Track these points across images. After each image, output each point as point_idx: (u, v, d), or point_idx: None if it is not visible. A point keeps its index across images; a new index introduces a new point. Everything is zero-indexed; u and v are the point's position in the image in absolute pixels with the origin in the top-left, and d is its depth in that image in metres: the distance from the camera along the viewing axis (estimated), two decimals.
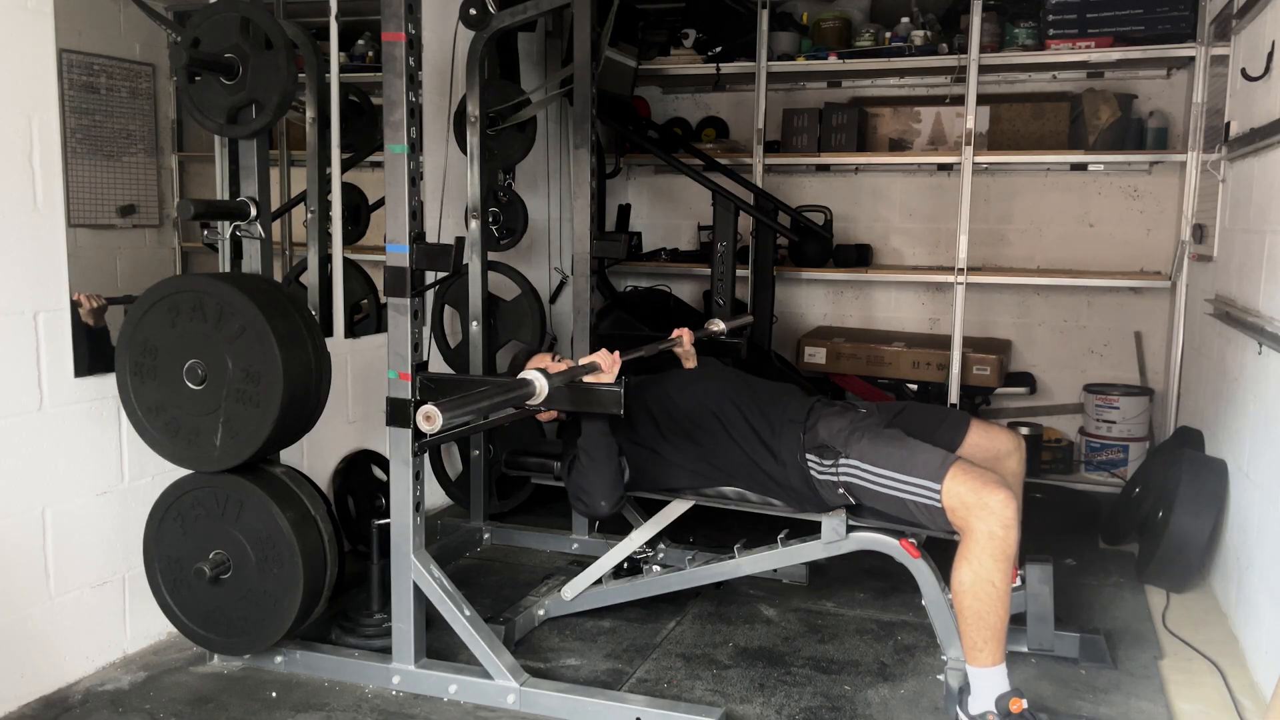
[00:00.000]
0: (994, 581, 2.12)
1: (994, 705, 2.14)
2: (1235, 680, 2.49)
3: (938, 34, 4.34)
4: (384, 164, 2.28)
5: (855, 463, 2.32)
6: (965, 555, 2.15)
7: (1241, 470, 2.86)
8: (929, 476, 2.21)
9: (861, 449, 2.33)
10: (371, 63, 3.43)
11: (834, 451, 2.35)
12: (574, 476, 2.49)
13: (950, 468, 2.20)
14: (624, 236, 4.60)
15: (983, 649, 2.15)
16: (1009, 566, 2.14)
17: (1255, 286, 2.80)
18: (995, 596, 2.12)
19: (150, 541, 2.40)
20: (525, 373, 2.16)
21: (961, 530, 2.17)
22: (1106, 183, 4.53)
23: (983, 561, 2.12)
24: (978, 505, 2.13)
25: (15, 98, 2.21)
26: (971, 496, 2.14)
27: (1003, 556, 2.12)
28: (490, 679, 2.34)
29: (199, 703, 2.32)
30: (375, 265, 3.28)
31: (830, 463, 2.35)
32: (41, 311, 2.29)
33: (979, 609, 2.13)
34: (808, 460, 2.38)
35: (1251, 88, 3.03)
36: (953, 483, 2.18)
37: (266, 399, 2.19)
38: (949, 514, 2.19)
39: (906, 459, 2.27)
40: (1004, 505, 2.12)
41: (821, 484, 2.37)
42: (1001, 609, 2.13)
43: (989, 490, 2.14)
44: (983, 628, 2.14)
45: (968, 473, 2.19)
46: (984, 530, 2.12)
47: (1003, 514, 2.11)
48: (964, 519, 2.15)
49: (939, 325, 4.78)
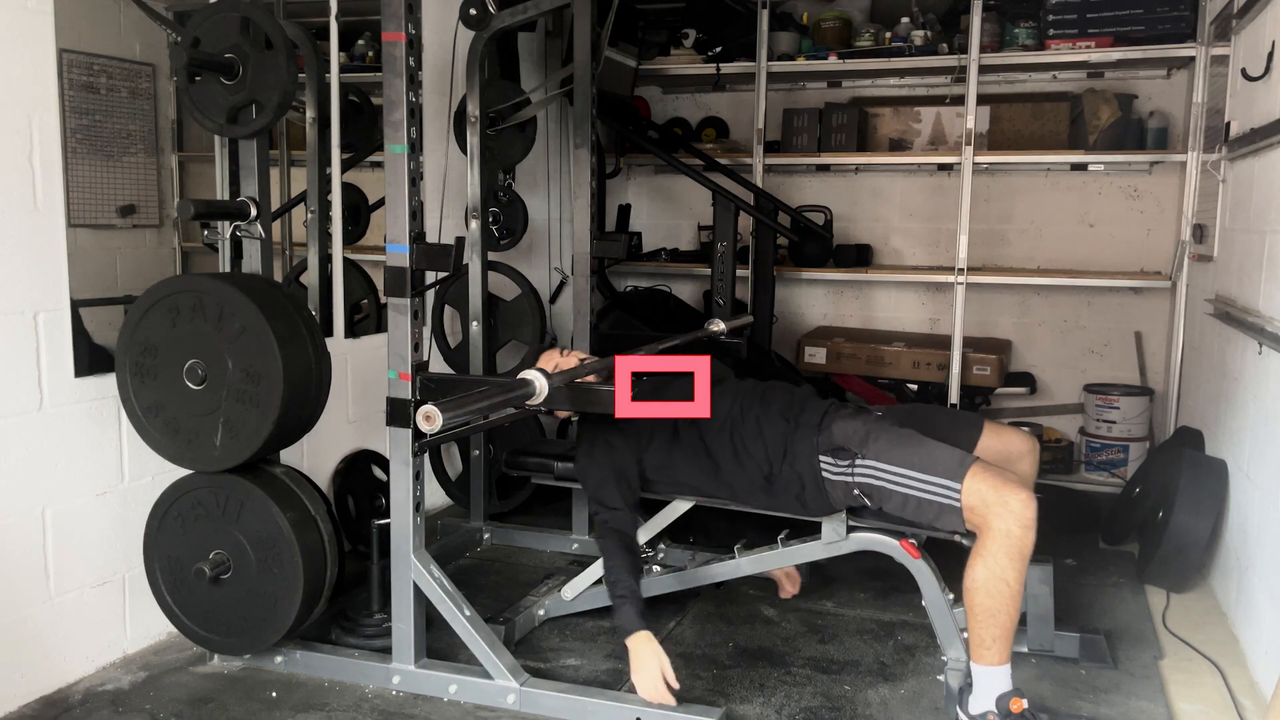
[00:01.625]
0: (1008, 580, 2.12)
1: (994, 704, 2.14)
2: (1235, 680, 2.49)
3: (938, 34, 4.34)
4: (384, 164, 2.28)
5: (873, 463, 2.31)
6: (981, 552, 2.15)
7: (1241, 470, 2.86)
8: (949, 476, 2.21)
9: (879, 449, 2.32)
10: (371, 63, 3.44)
11: (850, 453, 2.34)
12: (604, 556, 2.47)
13: (970, 467, 2.20)
14: (624, 236, 4.60)
15: (990, 647, 2.15)
16: (1024, 567, 2.14)
17: (1255, 286, 2.80)
18: (1008, 595, 2.12)
19: (150, 541, 2.40)
20: (525, 373, 2.16)
21: (979, 528, 2.17)
22: (1106, 183, 4.53)
23: (998, 559, 2.12)
24: (998, 504, 2.13)
25: (15, 98, 2.21)
26: (992, 495, 2.14)
27: (1019, 556, 2.12)
28: (490, 679, 2.34)
29: (199, 703, 2.32)
30: (375, 265, 3.29)
31: (846, 464, 2.34)
32: (41, 311, 2.29)
33: (990, 606, 2.13)
34: (821, 462, 2.38)
35: (1251, 88, 3.03)
36: (973, 481, 2.18)
37: (266, 399, 2.19)
38: (967, 513, 2.18)
39: (926, 459, 2.26)
40: (1024, 506, 2.12)
41: (833, 485, 2.37)
42: (1013, 609, 2.13)
43: (1010, 490, 2.14)
44: (992, 625, 2.14)
45: (988, 472, 2.19)
46: (1002, 529, 2.12)
47: (1023, 514, 2.11)
48: (983, 517, 2.15)
49: (939, 325, 4.78)
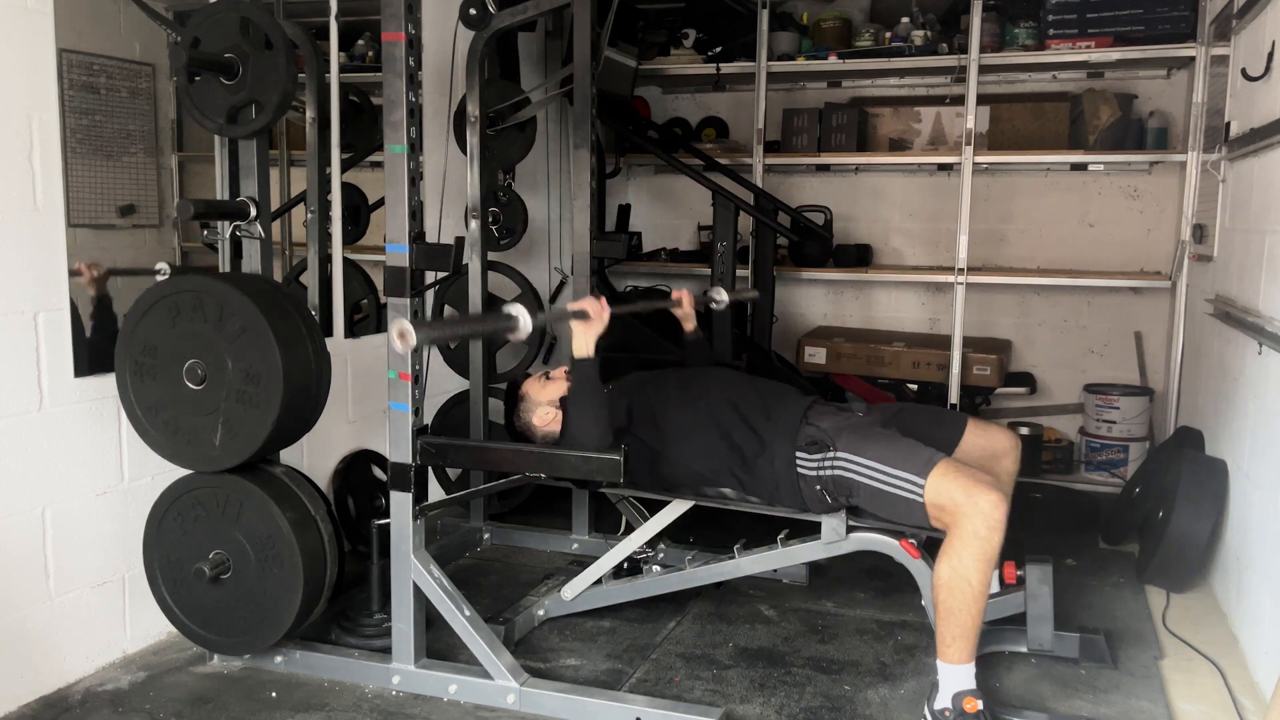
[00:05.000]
0: (971, 581, 2.13)
1: (950, 702, 2.16)
2: (1235, 680, 2.49)
3: (938, 34, 4.34)
4: (384, 164, 2.28)
5: (844, 455, 2.34)
6: (947, 551, 2.17)
7: (1242, 470, 2.86)
8: (913, 471, 2.23)
9: (849, 441, 2.35)
10: (371, 63, 3.43)
11: (824, 445, 2.36)
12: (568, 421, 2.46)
13: (936, 464, 2.22)
14: (624, 236, 4.58)
15: (951, 645, 2.16)
16: (989, 568, 2.15)
17: (1255, 286, 2.80)
18: (970, 596, 2.13)
19: (150, 541, 2.40)
20: (509, 307, 2.12)
21: (948, 527, 2.19)
22: (1106, 183, 4.53)
23: (963, 559, 2.13)
24: (968, 504, 2.14)
25: (15, 98, 2.21)
26: (962, 495, 2.15)
27: (983, 557, 2.13)
28: (490, 679, 2.34)
29: (199, 703, 2.32)
30: (375, 265, 3.28)
31: (819, 457, 2.37)
32: (41, 311, 2.29)
33: (952, 605, 2.15)
34: (797, 459, 2.40)
35: (1251, 88, 3.03)
36: (941, 479, 2.19)
37: (266, 399, 2.19)
38: (931, 510, 2.21)
39: (892, 452, 2.29)
40: (994, 507, 2.12)
41: (806, 481, 2.38)
42: (975, 609, 2.14)
43: (981, 490, 2.15)
44: (953, 624, 2.15)
45: (959, 471, 2.20)
46: (969, 529, 2.13)
47: (991, 515, 2.12)
48: (952, 515, 2.16)
49: (939, 325, 4.78)
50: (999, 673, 2.52)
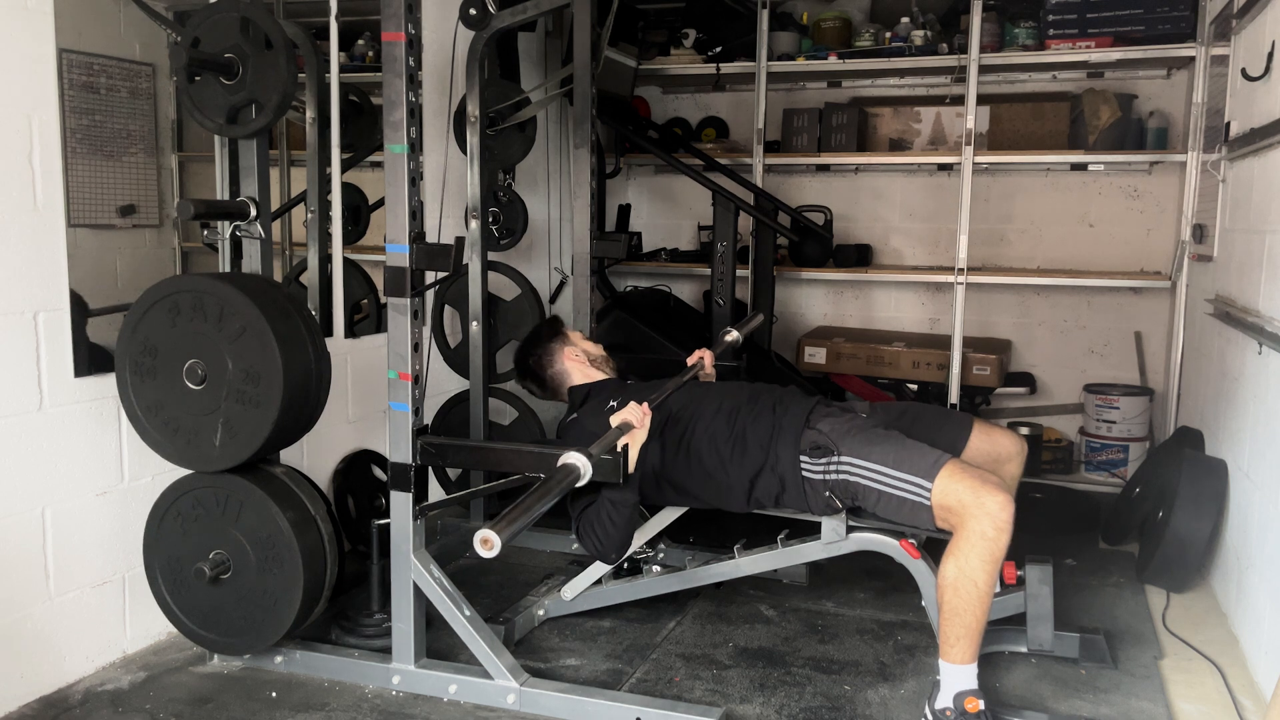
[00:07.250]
0: (977, 581, 2.13)
1: (951, 702, 2.16)
2: (1235, 680, 2.49)
3: (938, 34, 4.34)
4: (384, 164, 2.27)
5: (850, 459, 2.33)
6: (953, 551, 2.17)
7: (1241, 470, 2.86)
8: (921, 474, 2.23)
9: (855, 445, 2.35)
10: (371, 63, 3.43)
11: (828, 450, 2.36)
12: (591, 522, 2.37)
13: (943, 467, 2.21)
14: (624, 236, 4.59)
15: (955, 645, 2.16)
16: (995, 569, 2.15)
17: (1255, 286, 2.80)
18: (975, 596, 2.13)
19: (150, 541, 2.40)
20: (565, 457, 2.05)
21: (955, 528, 2.19)
22: (1106, 183, 4.53)
23: (969, 560, 2.13)
24: (975, 505, 2.14)
25: (15, 98, 2.21)
26: (969, 496, 2.15)
27: (990, 558, 2.13)
28: (490, 679, 2.34)
29: (199, 703, 2.32)
30: (375, 265, 3.28)
31: (824, 461, 2.36)
32: (41, 311, 2.29)
33: (957, 605, 2.15)
34: (801, 463, 2.39)
35: (1251, 88, 3.03)
36: (948, 481, 2.19)
37: (266, 399, 2.19)
38: (938, 511, 2.21)
39: (900, 456, 2.28)
40: (1001, 508, 2.12)
41: (811, 485, 2.38)
42: (980, 610, 2.14)
43: (988, 491, 2.15)
44: (958, 624, 2.15)
45: (966, 472, 2.20)
46: (977, 530, 2.13)
47: (998, 516, 2.12)
48: (959, 517, 2.16)
49: (939, 325, 4.78)
50: (999, 673, 2.52)
